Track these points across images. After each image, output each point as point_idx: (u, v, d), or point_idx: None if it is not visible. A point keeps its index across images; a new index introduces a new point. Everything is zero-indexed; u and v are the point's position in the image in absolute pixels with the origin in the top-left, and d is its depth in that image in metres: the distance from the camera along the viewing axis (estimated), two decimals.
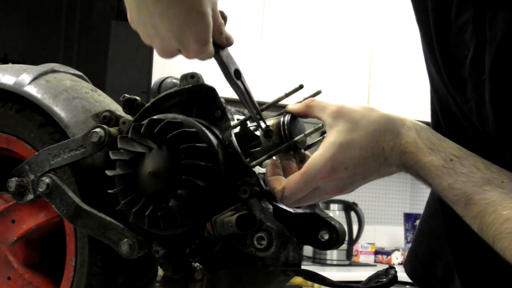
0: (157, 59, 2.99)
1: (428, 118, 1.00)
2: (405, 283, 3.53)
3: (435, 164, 0.80)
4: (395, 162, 0.82)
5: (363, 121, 0.84)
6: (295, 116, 0.90)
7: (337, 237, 0.91)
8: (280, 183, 0.86)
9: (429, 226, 1.05)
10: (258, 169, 0.91)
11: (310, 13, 3.79)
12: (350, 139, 0.83)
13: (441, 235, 1.00)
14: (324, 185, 0.84)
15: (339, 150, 0.83)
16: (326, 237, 0.92)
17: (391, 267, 0.93)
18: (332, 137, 0.84)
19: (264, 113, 0.94)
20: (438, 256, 1.02)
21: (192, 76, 0.92)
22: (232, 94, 0.90)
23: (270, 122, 0.90)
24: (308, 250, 3.77)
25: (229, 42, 0.91)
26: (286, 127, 0.89)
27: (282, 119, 0.89)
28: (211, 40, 0.85)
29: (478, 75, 0.80)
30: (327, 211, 0.95)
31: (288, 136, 0.88)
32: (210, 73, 1.12)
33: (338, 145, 0.83)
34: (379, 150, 0.83)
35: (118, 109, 0.98)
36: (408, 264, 1.08)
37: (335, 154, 0.83)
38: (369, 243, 4.07)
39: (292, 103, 0.92)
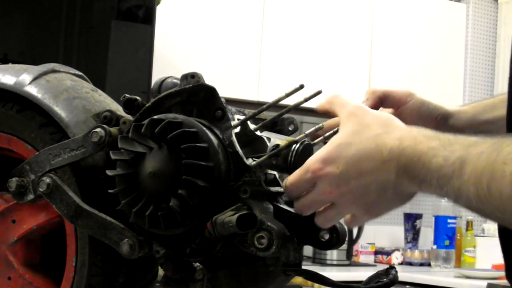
0: (157, 59, 2.99)
1: None
2: (406, 283, 3.53)
3: (432, 145, 0.79)
4: (394, 165, 0.81)
5: (372, 126, 0.84)
6: (308, 146, 0.89)
7: (337, 237, 0.91)
8: None
9: None
10: None
11: (310, 13, 3.79)
12: (350, 141, 0.83)
13: None
14: (320, 183, 0.84)
15: (335, 148, 0.83)
16: (327, 237, 0.92)
17: (392, 267, 0.93)
18: (335, 138, 0.85)
19: (264, 113, 0.94)
20: None
21: (193, 76, 0.92)
22: (232, 94, 0.90)
23: (283, 142, 0.89)
24: (308, 250, 3.77)
25: None
26: (294, 154, 0.88)
27: (294, 146, 0.88)
28: None
29: None
30: None
31: (293, 164, 0.88)
32: (211, 73, 1.12)
33: (335, 145, 0.84)
34: (377, 154, 0.82)
35: (118, 109, 0.98)
36: None
37: (329, 152, 0.83)
38: (369, 243, 4.07)
39: (292, 103, 0.92)
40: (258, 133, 0.93)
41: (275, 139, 0.91)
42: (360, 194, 0.83)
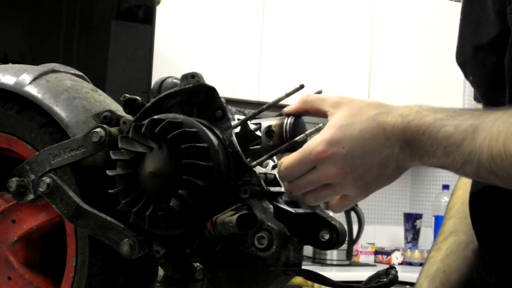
0: (157, 59, 2.99)
1: None
2: (406, 283, 3.53)
3: (439, 116, 0.82)
4: (398, 140, 0.84)
5: (366, 108, 0.86)
6: (298, 118, 0.90)
7: (337, 237, 0.91)
8: None
9: None
10: (258, 169, 0.91)
11: (310, 13, 3.79)
12: (351, 122, 0.85)
13: None
14: (322, 165, 0.85)
15: (338, 130, 0.85)
16: (327, 237, 0.92)
17: (392, 267, 0.93)
18: (333, 121, 0.86)
19: (265, 113, 0.94)
20: None
21: (193, 76, 0.92)
22: (232, 94, 0.90)
23: (273, 122, 0.90)
24: (308, 250, 3.77)
25: None
26: (288, 128, 0.89)
27: (285, 121, 0.89)
28: None
29: None
30: (327, 211, 0.95)
31: (289, 138, 0.89)
32: (211, 73, 1.12)
33: (337, 127, 0.85)
34: (379, 131, 0.84)
35: (118, 109, 0.98)
36: None
37: (333, 133, 0.85)
38: (369, 243, 4.07)
39: (292, 102, 0.92)
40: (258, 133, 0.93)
41: (265, 122, 0.91)
42: (363, 172, 0.85)
